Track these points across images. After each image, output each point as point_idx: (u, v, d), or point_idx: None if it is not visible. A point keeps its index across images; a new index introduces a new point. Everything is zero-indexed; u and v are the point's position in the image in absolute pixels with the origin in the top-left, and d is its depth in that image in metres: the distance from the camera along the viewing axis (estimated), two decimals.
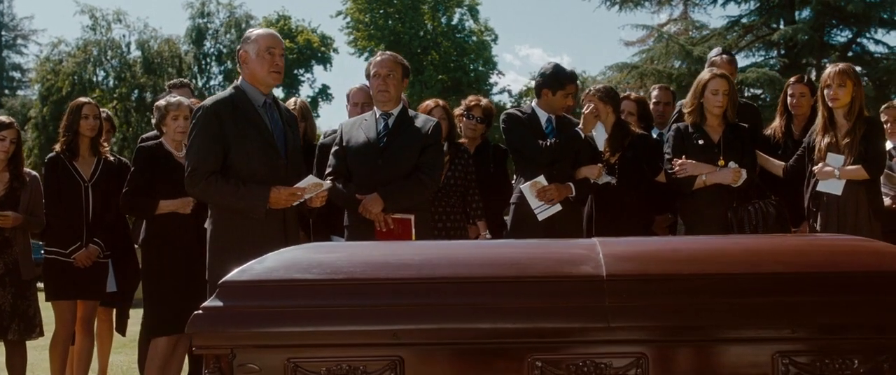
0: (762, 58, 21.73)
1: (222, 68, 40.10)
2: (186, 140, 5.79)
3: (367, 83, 5.97)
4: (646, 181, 6.06)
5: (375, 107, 5.52)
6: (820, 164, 5.38)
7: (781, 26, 20.82)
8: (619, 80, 22.58)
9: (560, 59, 76.34)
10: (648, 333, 2.79)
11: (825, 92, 5.42)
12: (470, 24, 41.83)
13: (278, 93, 6.39)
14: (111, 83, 37.54)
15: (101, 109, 6.53)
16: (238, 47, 4.94)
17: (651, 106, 6.95)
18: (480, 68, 40.92)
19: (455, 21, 41.57)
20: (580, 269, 2.89)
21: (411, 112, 5.57)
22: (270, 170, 4.74)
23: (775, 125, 6.18)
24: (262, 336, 2.83)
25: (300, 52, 45.17)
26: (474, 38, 41.37)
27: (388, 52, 5.60)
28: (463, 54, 39.69)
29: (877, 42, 21.49)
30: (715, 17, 63.53)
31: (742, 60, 22.18)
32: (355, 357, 2.80)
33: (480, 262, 3.00)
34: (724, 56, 6.70)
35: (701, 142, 5.68)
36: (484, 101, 6.64)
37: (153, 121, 5.94)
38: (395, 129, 5.39)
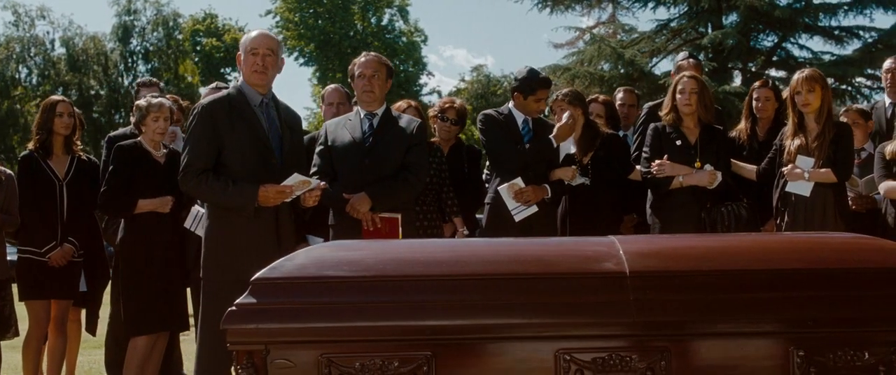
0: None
1: (149, 66, 39.63)
2: (167, 139, 5.85)
3: (338, 84, 6.03)
4: (618, 180, 6.21)
5: (359, 107, 5.58)
6: (789, 166, 5.57)
7: (709, 31, 21.10)
8: None
9: (484, 59, 77.13)
10: (671, 327, 2.89)
11: (796, 97, 5.61)
12: (400, 24, 42.00)
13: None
14: (35, 80, 36.93)
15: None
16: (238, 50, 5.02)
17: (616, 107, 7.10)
18: (410, 69, 41.06)
19: (385, 21, 41.71)
20: (603, 266, 2.99)
21: (394, 112, 5.64)
22: (264, 170, 4.79)
23: (740, 127, 6.37)
24: (297, 333, 2.88)
25: (227, 50, 44.90)
26: (404, 39, 41.50)
27: (372, 53, 5.66)
28: (393, 55, 39.74)
29: (801, 47, 21.87)
30: (643, 21, 64.79)
31: (670, 64, 22.50)
32: (388, 353, 2.86)
33: (507, 259, 3.09)
34: (690, 60, 6.90)
35: (679, 143, 5.83)
36: (458, 103, 6.72)
37: (133, 119, 5.92)
38: (381, 129, 5.45)
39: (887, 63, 7.01)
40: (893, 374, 2.88)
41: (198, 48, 43.87)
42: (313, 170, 5.38)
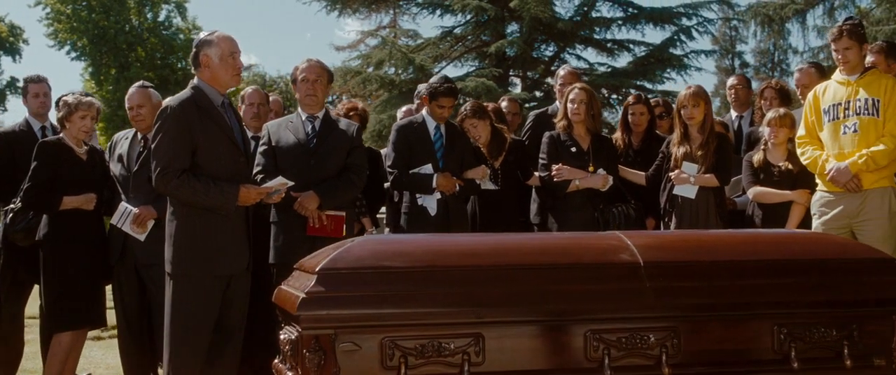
0: (473, 68, 22.67)
1: None
2: (89, 138, 5.84)
3: (256, 86, 6.21)
4: (522, 184, 6.72)
5: (300, 110, 5.83)
6: (676, 171, 6.22)
7: (493, 39, 21.85)
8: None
9: (247, 58, 76.75)
10: (680, 310, 3.36)
11: (682, 111, 6.27)
12: (178, 21, 41.08)
13: None
14: None
15: None
16: (196, 50, 5.06)
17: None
18: (188, 67, 40.24)
19: (162, 17, 40.67)
20: (620, 257, 3.42)
21: (332, 116, 5.92)
22: (234, 168, 4.94)
23: (617, 136, 7.00)
24: (363, 318, 3.15)
25: None
26: (182, 36, 40.61)
27: (314, 59, 5.88)
28: (170, 52, 38.85)
29: (578, 57, 23.06)
30: (425, 27, 66.27)
31: (455, 70, 23.26)
32: (443, 335, 3.18)
33: (538, 252, 3.47)
34: (567, 69, 7.50)
35: (573, 149, 6.37)
36: (360, 106, 7.01)
37: (57, 115, 5.87)
38: (323, 131, 5.74)
39: (731, 80, 7.88)
40: (854, 347, 3.44)
41: None
42: (257, 168, 5.58)
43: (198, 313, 4.69)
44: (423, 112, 6.50)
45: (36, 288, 6.29)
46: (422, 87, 7.18)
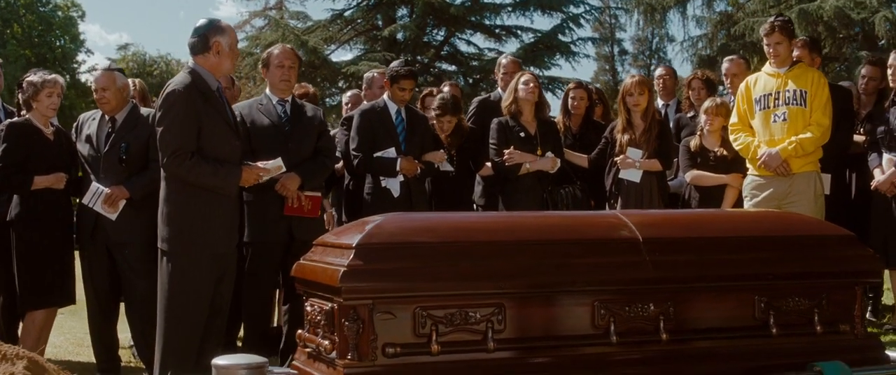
0: (362, 51, 22.81)
1: None
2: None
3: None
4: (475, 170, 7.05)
5: (271, 94, 6.03)
6: (622, 156, 6.60)
7: (383, 23, 22.01)
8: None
9: (118, 37, 75.35)
10: (677, 281, 3.70)
11: (628, 98, 6.65)
12: None
13: None
14: None
15: None
16: (208, 35, 5.02)
17: None
18: (67, 45, 39.23)
19: None
20: (622, 234, 3.75)
21: (299, 101, 6.14)
22: (231, 150, 5.07)
23: (558, 120, 7.35)
24: (398, 290, 3.39)
25: None
26: (60, 14, 39.55)
27: (287, 45, 6.08)
28: (48, 30, 37.75)
29: (468, 43, 23.47)
30: (315, 9, 65.79)
31: (345, 53, 23.38)
32: (469, 304, 3.45)
33: (548, 228, 3.79)
34: (510, 58, 7.85)
35: (522, 134, 6.68)
36: (311, 90, 7.20)
37: (22, 97, 5.90)
38: (295, 115, 5.98)
39: (658, 71, 8.33)
40: (823, 315, 3.85)
41: None
42: None
43: (196, 291, 4.82)
44: (385, 96, 6.73)
45: None
46: (373, 73, 7.42)
